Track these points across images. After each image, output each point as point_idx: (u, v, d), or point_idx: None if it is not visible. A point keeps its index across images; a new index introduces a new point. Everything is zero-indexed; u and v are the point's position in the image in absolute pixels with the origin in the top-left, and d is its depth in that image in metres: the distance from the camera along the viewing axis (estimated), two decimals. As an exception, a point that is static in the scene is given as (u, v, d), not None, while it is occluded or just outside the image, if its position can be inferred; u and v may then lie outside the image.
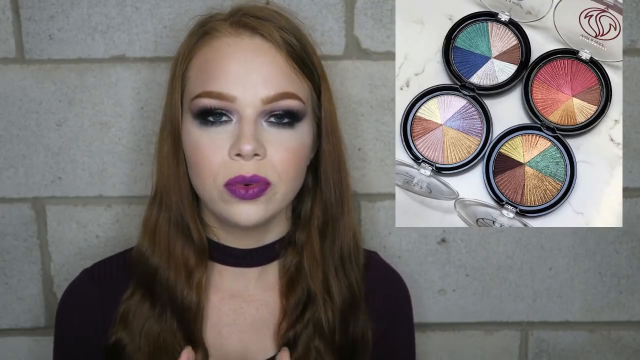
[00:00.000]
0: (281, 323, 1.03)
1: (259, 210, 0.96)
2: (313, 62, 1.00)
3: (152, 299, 1.02)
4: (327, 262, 1.04)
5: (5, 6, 1.18)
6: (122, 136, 1.22)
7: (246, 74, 0.94)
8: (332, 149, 1.02)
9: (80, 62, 1.20)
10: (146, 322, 1.02)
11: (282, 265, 1.05)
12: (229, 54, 0.95)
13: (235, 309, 1.04)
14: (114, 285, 1.05)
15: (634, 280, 1.29)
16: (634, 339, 1.31)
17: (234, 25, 0.98)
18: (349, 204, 1.05)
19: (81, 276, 1.07)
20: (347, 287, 1.04)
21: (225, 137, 0.95)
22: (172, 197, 1.01)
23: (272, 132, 0.96)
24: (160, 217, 1.02)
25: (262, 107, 0.94)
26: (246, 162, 0.94)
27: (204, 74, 0.96)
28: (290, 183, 0.98)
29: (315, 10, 1.18)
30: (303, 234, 1.04)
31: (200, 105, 0.95)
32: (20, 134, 1.22)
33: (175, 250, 1.01)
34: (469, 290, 1.29)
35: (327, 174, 1.02)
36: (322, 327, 1.02)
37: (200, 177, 0.97)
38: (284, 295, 1.04)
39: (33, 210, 1.24)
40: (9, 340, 1.29)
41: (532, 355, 1.32)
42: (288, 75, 0.96)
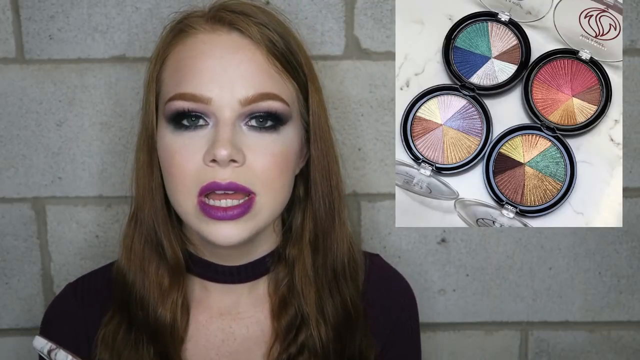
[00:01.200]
0: (272, 346, 0.97)
1: (241, 230, 0.89)
2: (299, 61, 0.93)
3: (129, 324, 0.97)
4: (320, 279, 0.97)
5: (5, 6, 1.18)
6: (122, 136, 1.22)
7: (222, 72, 0.87)
8: (320, 155, 0.95)
9: (80, 62, 1.20)
10: (124, 350, 0.96)
11: (273, 281, 0.99)
12: (204, 52, 0.88)
13: (224, 329, 0.99)
14: (97, 301, 1.00)
15: (634, 280, 1.29)
16: (634, 339, 1.31)
17: (210, 21, 0.91)
18: (341, 215, 0.98)
19: (64, 292, 1.03)
20: (342, 306, 0.98)
21: (201, 143, 0.88)
22: (145, 210, 0.95)
23: (253, 137, 0.88)
24: (135, 234, 0.97)
25: (241, 109, 0.87)
26: (222, 169, 0.86)
27: (178, 74, 0.89)
28: (277, 194, 0.91)
29: (315, 10, 1.18)
30: (294, 249, 0.98)
31: (174, 108, 0.88)
32: (20, 134, 1.22)
33: (149, 268, 0.96)
34: (469, 290, 1.29)
35: (316, 183, 0.95)
36: (316, 351, 0.96)
37: (173, 187, 0.90)
38: (275, 317, 0.98)
39: (33, 210, 1.24)
40: (9, 340, 1.29)
41: (532, 355, 1.32)
42: (269, 75, 0.89)
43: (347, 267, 0.99)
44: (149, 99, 0.94)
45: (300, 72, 0.93)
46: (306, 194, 0.98)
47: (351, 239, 1.01)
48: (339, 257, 0.98)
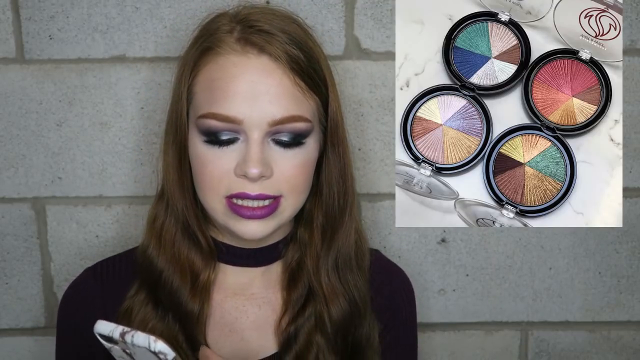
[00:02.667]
0: (282, 318, 1.04)
1: (266, 226, 0.97)
2: (320, 76, 0.98)
3: (155, 301, 1.02)
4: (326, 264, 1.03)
5: (5, 6, 1.18)
6: (122, 136, 1.22)
7: (253, 96, 0.93)
8: (337, 159, 1.02)
9: (80, 62, 1.20)
10: (149, 321, 1.01)
11: (285, 261, 1.05)
12: (236, 75, 0.94)
13: (238, 307, 1.04)
14: (117, 283, 1.04)
15: (634, 280, 1.29)
16: (634, 339, 1.31)
17: (240, 42, 0.95)
18: (351, 211, 1.04)
19: (84, 274, 1.06)
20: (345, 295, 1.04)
21: (232, 156, 0.94)
22: (177, 203, 1.01)
23: (279, 151, 0.95)
24: (166, 221, 1.02)
25: (268, 128, 0.93)
26: (251, 183, 0.94)
27: (210, 93, 0.95)
28: (300, 195, 0.99)
29: (315, 10, 1.18)
30: (305, 231, 1.04)
31: (207, 125, 0.94)
32: (20, 134, 1.22)
33: (181, 254, 1.01)
34: (469, 290, 1.29)
35: (332, 183, 1.02)
36: (323, 323, 1.02)
37: (203, 189, 0.97)
38: (285, 289, 1.04)
39: (33, 210, 1.24)
40: (9, 340, 1.29)
41: (532, 355, 1.32)
42: (295, 97, 0.95)
43: (354, 258, 1.05)
44: (180, 105, 0.98)
45: (322, 86, 0.99)
46: (316, 182, 1.03)
47: (359, 231, 1.07)
48: (344, 249, 1.04)
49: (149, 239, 1.03)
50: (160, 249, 1.02)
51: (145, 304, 1.02)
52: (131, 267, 1.05)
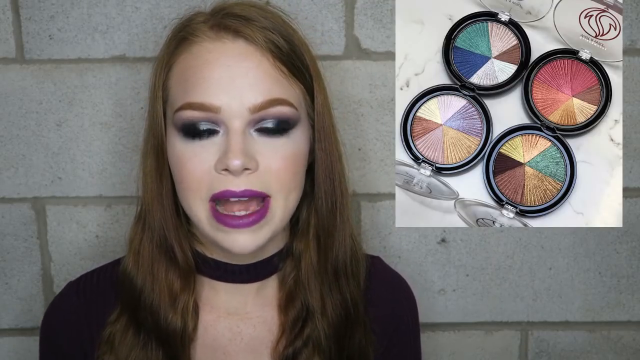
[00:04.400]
0: (279, 341, 0.98)
1: (257, 237, 0.90)
2: (304, 63, 0.93)
3: (137, 326, 0.97)
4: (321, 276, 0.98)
5: (5, 6, 1.18)
6: (122, 136, 1.22)
7: (230, 80, 0.87)
8: (324, 156, 0.95)
9: (80, 62, 1.20)
10: (131, 351, 0.96)
11: (281, 278, 1.00)
12: (211, 61, 0.88)
13: (232, 328, 0.99)
14: (101, 300, 0.99)
15: (634, 280, 1.29)
16: (634, 339, 1.31)
17: (214, 28, 0.90)
18: (343, 213, 0.98)
19: (67, 290, 1.02)
20: (341, 304, 0.99)
21: (212, 150, 0.88)
22: (154, 215, 0.95)
23: (263, 142, 0.89)
24: (144, 237, 0.96)
25: (251, 116, 0.88)
26: (235, 177, 0.87)
27: (185, 83, 0.90)
28: (291, 195, 0.92)
29: (315, 10, 1.18)
30: (300, 243, 0.99)
31: (183, 118, 0.89)
32: (20, 134, 1.22)
33: (159, 273, 0.95)
34: (469, 290, 1.29)
35: (320, 182, 0.95)
36: (320, 344, 0.97)
37: (185, 194, 0.91)
38: (282, 310, 0.99)
39: (33, 210, 1.24)
40: (9, 340, 1.29)
41: (532, 355, 1.32)
42: (276, 80, 0.89)
43: (350, 265, 1.00)
44: (155, 107, 0.93)
45: (306, 73, 0.93)
46: (312, 188, 0.98)
47: (353, 237, 1.02)
48: (340, 255, 0.99)
49: (128, 258, 0.98)
50: (139, 268, 0.96)
51: (127, 331, 0.97)
52: (113, 282, 1.00)
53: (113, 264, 1.03)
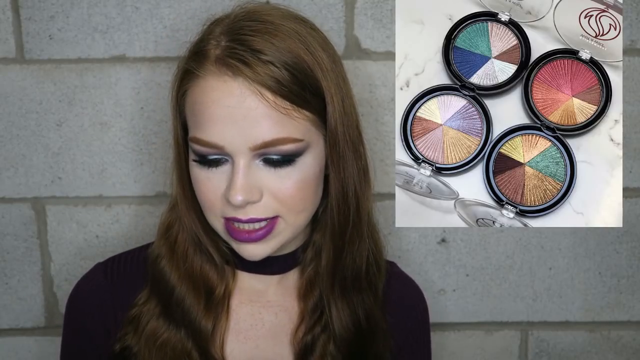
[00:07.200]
0: (298, 328, 1.01)
1: (264, 248, 0.94)
2: (314, 85, 0.91)
3: (167, 313, 0.99)
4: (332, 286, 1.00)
5: (5, 6, 1.18)
6: (122, 136, 1.22)
7: (232, 122, 0.88)
8: (336, 176, 0.95)
9: (80, 62, 1.20)
10: (160, 334, 0.99)
11: (302, 267, 1.03)
12: (214, 100, 0.89)
13: (254, 314, 1.02)
14: (128, 283, 1.01)
15: (634, 280, 1.29)
16: (634, 339, 1.31)
17: (217, 64, 0.90)
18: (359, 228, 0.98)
19: (94, 270, 1.04)
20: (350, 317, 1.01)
21: (222, 178, 0.91)
22: (184, 219, 0.99)
23: (269, 171, 0.91)
24: (180, 234, 1.00)
25: (253, 152, 0.89)
26: (241, 209, 0.91)
27: (194, 117, 0.92)
28: (300, 215, 0.94)
29: (315, 10, 1.18)
30: (320, 235, 1.01)
31: (195, 149, 0.92)
32: (20, 134, 1.22)
33: (195, 269, 1.00)
34: (469, 290, 1.29)
35: (331, 200, 0.96)
36: (335, 333, 1.00)
37: (203, 209, 0.95)
38: (302, 298, 1.02)
39: (33, 210, 1.24)
40: (9, 340, 1.29)
41: (532, 355, 1.32)
42: (278, 119, 0.89)
43: (364, 279, 1.02)
44: (176, 125, 0.97)
45: (314, 100, 0.92)
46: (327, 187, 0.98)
47: (374, 250, 1.03)
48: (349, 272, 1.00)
49: (160, 248, 1.01)
50: (174, 263, 0.99)
51: (156, 316, 0.99)
52: (142, 269, 1.02)
53: (141, 249, 1.05)
